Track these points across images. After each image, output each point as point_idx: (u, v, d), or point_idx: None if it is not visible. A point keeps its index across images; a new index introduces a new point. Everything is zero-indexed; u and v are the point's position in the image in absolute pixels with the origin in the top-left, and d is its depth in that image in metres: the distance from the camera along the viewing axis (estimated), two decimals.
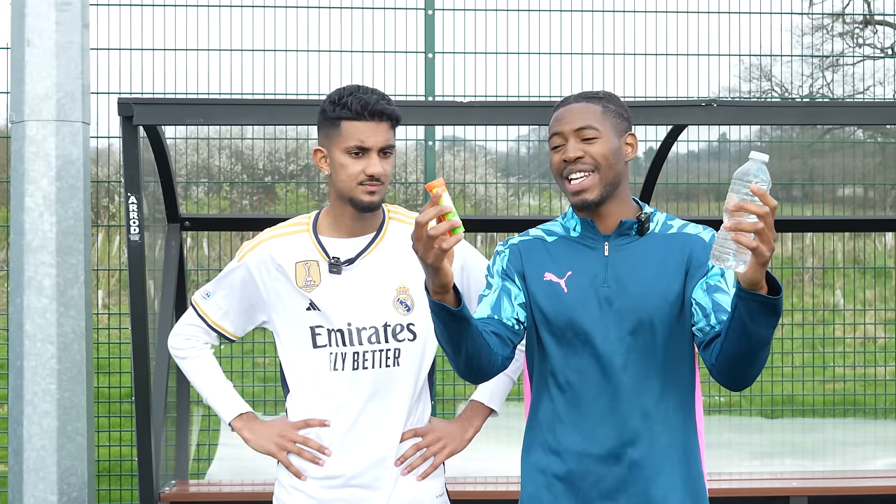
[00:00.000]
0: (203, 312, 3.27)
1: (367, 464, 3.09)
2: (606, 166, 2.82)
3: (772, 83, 8.83)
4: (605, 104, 2.89)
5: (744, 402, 7.19)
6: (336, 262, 3.09)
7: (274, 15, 6.41)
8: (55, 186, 4.16)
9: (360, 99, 3.00)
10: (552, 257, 2.89)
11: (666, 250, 2.84)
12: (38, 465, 4.15)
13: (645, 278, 2.81)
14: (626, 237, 2.86)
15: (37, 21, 4.18)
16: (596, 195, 2.82)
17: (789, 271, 8.13)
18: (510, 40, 6.59)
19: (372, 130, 3.02)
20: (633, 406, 2.79)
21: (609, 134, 2.85)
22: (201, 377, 3.28)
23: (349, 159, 3.03)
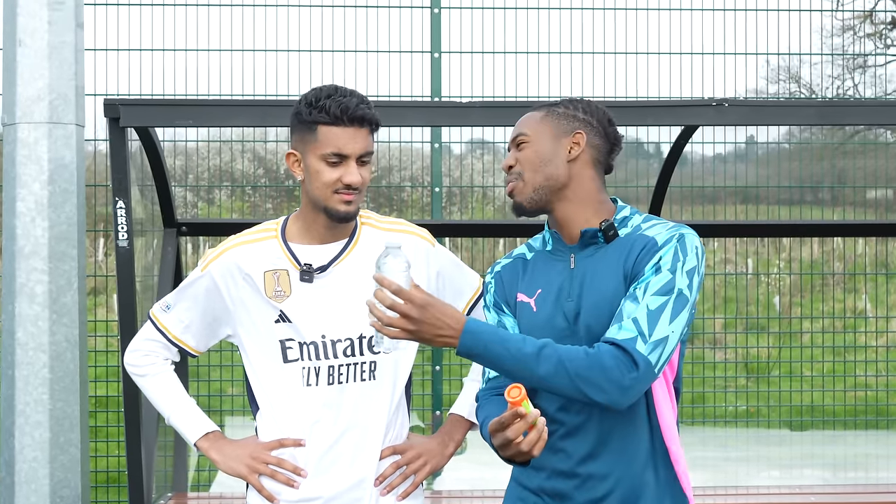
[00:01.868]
0: (162, 326, 3.09)
1: (346, 485, 2.94)
2: (532, 171, 2.79)
3: (799, 85, 8.70)
4: (552, 109, 2.86)
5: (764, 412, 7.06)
6: (308, 270, 2.92)
7: (276, 14, 6.32)
8: (48, 191, 4.05)
9: (340, 103, 2.81)
10: (526, 276, 2.87)
11: (617, 256, 2.74)
12: (30, 476, 4.05)
13: (602, 288, 2.72)
14: (594, 246, 2.78)
15: (29, 20, 4.08)
16: (524, 198, 2.80)
17: (816, 276, 8.00)
18: (518, 39, 6.48)
19: (351, 137, 2.84)
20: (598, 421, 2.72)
21: (541, 137, 2.82)
22: (161, 396, 3.10)
23: (325, 166, 2.85)
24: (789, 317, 8.14)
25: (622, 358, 2.56)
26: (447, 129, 6.53)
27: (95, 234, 7.27)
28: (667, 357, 2.62)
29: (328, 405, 2.91)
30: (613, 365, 2.55)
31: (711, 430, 6.92)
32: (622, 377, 2.55)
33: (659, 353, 2.59)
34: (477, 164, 7.50)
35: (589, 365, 2.56)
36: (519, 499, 2.84)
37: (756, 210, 7.59)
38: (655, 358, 2.58)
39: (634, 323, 2.58)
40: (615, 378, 2.55)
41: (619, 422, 2.72)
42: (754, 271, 8.34)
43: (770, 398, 7.11)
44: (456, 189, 7.40)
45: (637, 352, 2.56)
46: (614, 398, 2.57)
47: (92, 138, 6.25)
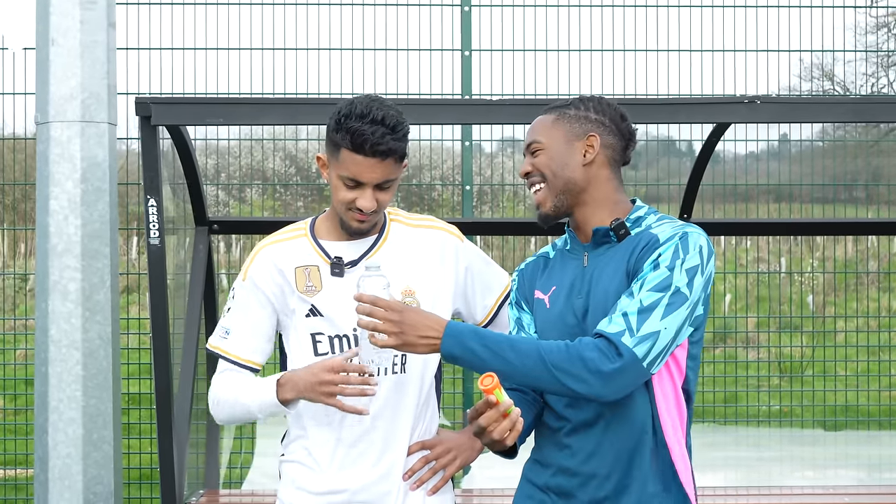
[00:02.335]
0: (228, 354, 3.04)
1: (373, 477, 2.95)
2: (552, 175, 2.80)
3: (833, 82, 8.62)
4: (563, 111, 2.86)
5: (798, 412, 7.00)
6: (338, 263, 2.95)
7: (306, 12, 6.33)
8: (80, 189, 4.07)
9: (363, 134, 2.79)
10: (545, 274, 2.90)
11: (623, 254, 2.74)
12: (63, 473, 4.07)
13: (607, 285, 2.73)
14: (605, 245, 2.79)
15: (61, 20, 4.10)
16: (549, 207, 2.82)
17: (850, 274, 7.94)
18: (549, 37, 6.45)
19: (370, 167, 2.84)
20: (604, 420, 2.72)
21: (555, 142, 2.82)
22: (231, 394, 2.99)
23: (343, 187, 2.88)
24: (823, 316, 8.07)
25: (604, 348, 2.57)
26: (478, 127, 6.51)
27: (128, 232, 7.31)
28: (660, 353, 2.60)
29: (357, 397, 2.91)
30: (594, 355, 2.56)
31: (745, 429, 6.87)
32: (602, 366, 2.55)
33: (647, 347, 2.58)
34: (508, 162, 7.47)
35: (568, 357, 2.57)
36: (528, 496, 2.86)
37: (790, 208, 7.53)
38: (643, 351, 2.57)
39: (624, 317, 2.59)
40: (595, 368, 2.56)
41: (622, 422, 2.71)
42: (788, 270, 8.28)
43: (804, 398, 7.04)
44: (487, 187, 7.38)
45: (622, 343, 2.56)
46: (596, 389, 2.57)
47: (124, 137, 6.29)
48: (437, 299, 3.00)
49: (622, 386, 2.59)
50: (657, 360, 2.61)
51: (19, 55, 6.21)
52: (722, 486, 5.37)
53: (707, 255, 2.69)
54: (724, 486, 5.41)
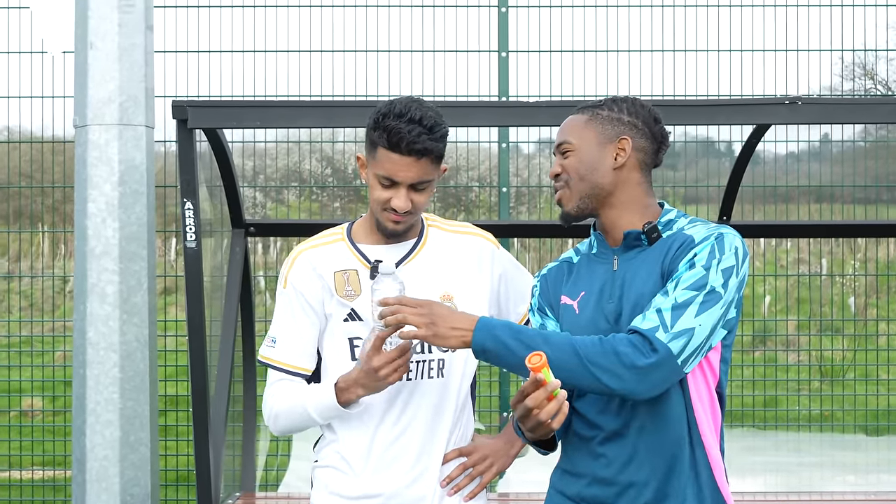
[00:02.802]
0: (278, 362, 3.05)
1: (407, 481, 2.94)
2: (578, 178, 2.77)
3: (875, 81, 8.51)
4: (595, 112, 2.82)
5: (839, 416, 6.93)
6: (378, 266, 2.94)
7: (343, 15, 6.33)
8: (118, 192, 4.06)
9: (400, 132, 2.81)
10: (571, 279, 2.86)
11: (656, 257, 2.70)
12: (100, 475, 4.07)
13: (642, 288, 2.68)
14: (636, 248, 2.75)
15: (99, 23, 4.10)
16: (572, 207, 2.79)
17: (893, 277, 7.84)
18: (586, 38, 6.40)
19: (406, 166, 2.85)
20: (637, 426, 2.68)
21: (586, 145, 2.78)
22: (288, 404, 2.99)
23: (378, 186, 2.90)
24: (865, 318, 7.97)
25: (639, 343, 2.53)
26: (515, 128, 6.48)
27: (167, 234, 7.34)
28: (694, 350, 2.56)
29: (394, 402, 2.91)
30: (629, 350, 2.52)
31: (784, 433, 6.80)
32: (636, 360, 2.51)
33: (682, 343, 2.53)
34: (546, 163, 7.43)
35: (603, 351, 2.53)
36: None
37: (831, 209, 7.44)
38: (678, 347, 2.53)
39: (658, 314, 2.56)
40: (629, 362, 2.52)
41: (658, 427, 2.67)
42: (828, 272, 8.18)
43: (845, 401, 6.96)
44: (525, 189, 7.35)
45: (656, 338, 2.53)
46: (630, 385, 2.53)
47: (162, 139, 6.31)
48: (474, 304, 2.99)
49: (656, 382, 2.55)
50: (691, 358, 2.57)
51: (59, 59, 6.26)
52: (762, 490, 5.32)
53: (742, 257, 2.65)
54: (763, 490, 5.36)
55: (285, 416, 3.00)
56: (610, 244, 2.80)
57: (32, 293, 7.69)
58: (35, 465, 6.55)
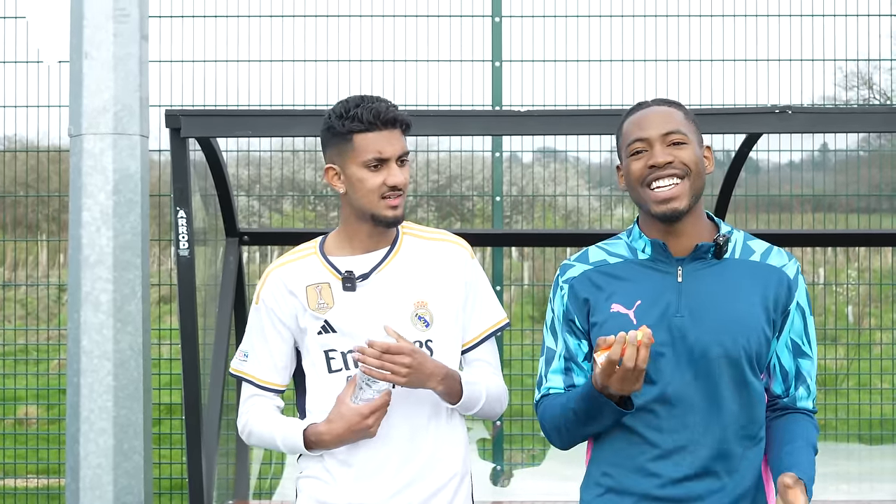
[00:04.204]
0: (249, 375, 3.07)
1: (392, 491, 2.93)
2: (696, 174, 2.66)
3: (872, 91, 8.52)
4: (685, 111, 2.73)
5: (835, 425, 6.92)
6: (350, 277, 2.95)
7: (337, 24, 6.35)
8: (112, 200, 4.09)
9: (371, 108, 2.89)
10: (619, 284, 2.71)
11: (748, 281, 2.65)
12: (94, 483, 4.08)
13: (724, 310, 2.62)
14: (702, 261, 2.67)
15: (94, 33, 4.13)
16: (685, 204, 2.64)
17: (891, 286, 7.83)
18: (580, 48, 6.42)
19: (387, 139, 2.91)
20: (701, 448, 2.64)
21: (694, 141, 2.68)
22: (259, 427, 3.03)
23: (367, 173, 2.91)
24: (860, 328, 7.97)
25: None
26: (513, 137, 6.50)
27: (160, 243, 7.35)
28: None
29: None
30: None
31: None
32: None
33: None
34: (541, 172, 7.45)
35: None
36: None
37: (828, 218, 7.45)
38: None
39: (813, 381, 2.69)
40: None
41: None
42: (826, 281, 8.18)
43: (841, 411, 6.96)
44: (521, 198, 7.37)
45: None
46: None
47: (157, 149, 6.33)
48: (447, 311, 2.99)
49: None
50: None
51: (54, 68, 6.28)
52: None
53: None
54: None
55: (257, 437, 3.07)
56: (674, 253, 2.69)
57: (29, 302, 7.70)
58: (30, 473, 6.56)
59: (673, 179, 2.63)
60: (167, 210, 6.91)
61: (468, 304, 3.06)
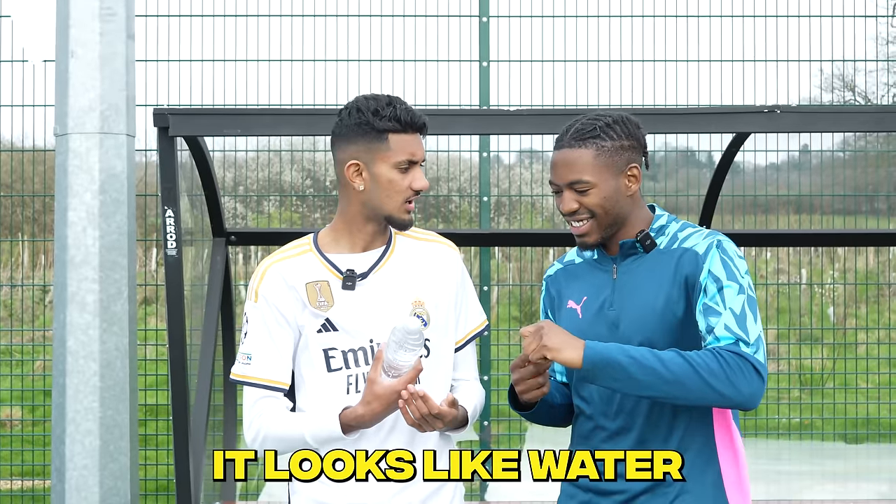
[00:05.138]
0: (257, 379, 2.95)
1: (393, 490, 2.91)
2: (603, 213, 2.83)
3: (854, 93, 8.57)
4: (599, 144, 2.82)
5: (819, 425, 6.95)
6: (351, 276, 2.93)
7: (325, 24, 6.34)
8: (98, 200, 4.06)
9: (408, 110, 2.89)
10: (575, 282, 2.96)
11: (666, 267, 2.81)
12: (80, 484, 4.05)
13: (645, 298, 2.80)
14: (633, 256, 2.87)
15: (81, 32, 4.09)
16: (595, 238, 2.86)
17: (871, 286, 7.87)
18: (567, 48, 6.43)
19: (418, 143, 2.92)
20: (643, 429, 2.80)
21: (603, 180, 2.82)
22: (277, 429, 2.91)
23: (398, 174, 2.89)
24: (844, 328, 8.01)
25: (740, 363, 2.65)
26: (497, 138, 6.50)
27: (149, 243, 7.32)
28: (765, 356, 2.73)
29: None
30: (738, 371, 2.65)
31: (765, 442, 6.82)
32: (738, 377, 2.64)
33: (763, 353, 2.70)
34: (525, 173, 7.45)
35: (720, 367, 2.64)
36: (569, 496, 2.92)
37: (811, 219, 7.48)
38: (763, 358, 2.70)
39: (727, 330, 2.68)
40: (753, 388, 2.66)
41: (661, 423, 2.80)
42: (808, 281, 8.22)
43: (825, 410, 6.99)
44: (505, 199, 7.37)
45: (748, 355, 2.65)
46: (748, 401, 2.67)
47: (143, 149, 6.30)
48: (443, 311, 2.98)
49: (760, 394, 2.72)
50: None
51: (39, 68, 6.25)
52: None
53: (741, 255, 2.82)
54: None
55: (275, 440, 2.92)
56: (608, 253, 2.90)
57: (12, 303, 7.65)
58: (14, 475, 6.51)
59: (582, 221, 2.85)
60: (150, 211, 6.88)
61: (458, 304, 3.06)
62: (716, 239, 2.78)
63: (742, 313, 2.69)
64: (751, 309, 2.71)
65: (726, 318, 2.68)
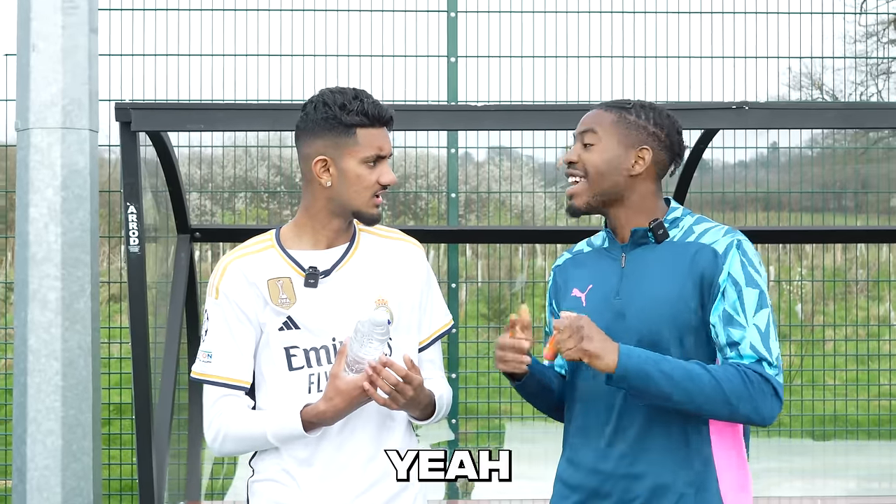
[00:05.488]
0: (218, 377, 2.90)
1: (357, 491, 2.87)
2: (597, 175, 2.80)
3: (822, 91, 8.62)
4: (625, 114, 2.83)
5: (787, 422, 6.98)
6: (314, 273, 2.88)
7: (291, 19, 6.31)
8: (60, 196, 4.01)
9: (375, 104, 2.85)
10: (581, 271, 2.92)
11: (680, 260, 2.77)
12: (41, 484, 4.01)
13: (654, 289, 2.76)
14: (644, 246, 2.83)
15: (42, 25, 4.05)
16: (582, 202, 2.83)
17: (839, 283, 7.92)
18: (535, 43, 6.42)
19: (386, 137, 2.88)
20: (638, 425, 2.76)
21: (610, 143, 2.81)
22: (238, 427, 2.86)
23: (365, 169, 2.85)
24: (812, 324, 8.05)
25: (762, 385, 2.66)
26: (465, 135, 6.49)
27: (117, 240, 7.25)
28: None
29: None
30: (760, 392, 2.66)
31: None
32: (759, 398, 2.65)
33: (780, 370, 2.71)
34: (495, 170, 7.44)
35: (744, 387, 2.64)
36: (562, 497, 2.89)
37: (779, 217, 7.52)
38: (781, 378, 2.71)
39: (753, 349, 2.66)
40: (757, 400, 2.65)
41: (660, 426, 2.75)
42: (776, 278, 8.25)
43: (792, 407, 7.02)
44: (474, 196, 7.36)
45: (770, 377, 2.67)
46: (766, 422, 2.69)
47: (111, 144, 6.24)
48: (406, 310, 2.95)
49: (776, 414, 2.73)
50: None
51: (0, 61, 6.17)
52: None
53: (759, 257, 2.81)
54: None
55: (235, 439, 2.89)
56: (619, 241, 2.86)
57: None
58: None
59: (575, 178, 2.83)
60: (118, 208, 6.81)
61: (423, 304, 3.03)
62: (736, 238, 2.76)
63: (766, 331, 2.68)
64: (773, 325, 2.71)
65: (752, 336, 2.67)
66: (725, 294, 2.70)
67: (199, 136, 6.38)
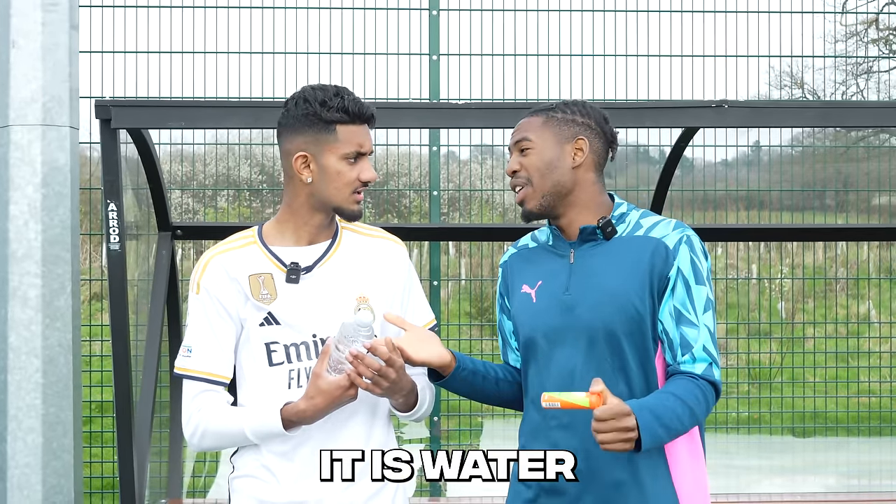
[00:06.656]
0: (198, 372, 2.90)
1: (335, 491, 2.87)
2: (540, 177, 2.86)
3: (803, 90, 8.66)
4: (550, 114, 2.91)
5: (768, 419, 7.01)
6: (295, 269, 2.89)
7: (273, 16, 6.30)
8: (41, 193, 4.00)
9: (355, 101, 2.85)
10: (529, 267, 2.95)
11: (629, 255, 2.82)
12: (22, 482, 4.00)
13: (604, 284, 2.81)
14: (592, 242, 2.87)
15: (22, 22, 4.04)
16: (534, 205, 2.88)
17: (820, 281, 7.95)
18: (517, 42, 6.44)
19: (366, 134, 2.89)
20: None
21: (545, 144, 2.87)
22: (217, 424, 2.86)
23: (346, 166, 2.85)
24: (793, 322, 8.09)
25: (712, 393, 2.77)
26: (447, 133, 6.50)
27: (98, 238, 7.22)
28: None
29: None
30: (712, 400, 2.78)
31: (713, 436, 6.87)
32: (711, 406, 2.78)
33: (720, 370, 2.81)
34: (478, 169, 7.45)
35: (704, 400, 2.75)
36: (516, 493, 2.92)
37: (760, 216, 7.55)
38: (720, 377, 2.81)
39: (706, 352, 2.74)
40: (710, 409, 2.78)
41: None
42: (758, 276, 8.29)
43: (773, 405, 7.05)
44: (457, 193, 7.36)
45: (718, 381, 2.77)
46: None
47: (93, 141, 6.22)
48: (387, 307, 2.95)
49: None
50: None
51: None
52: None
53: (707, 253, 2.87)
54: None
55: (214, 436, 2.89)
56: (566, 238, 2.90)
57: None
58: None
59: (520, 185, 2.90)
60: (100, 206, 6.79)
61: (405, 302, 3.03)
62: (685, 234, 2.81)
63: (714, 331, 2.76)
64: (715, 321, 2.79)
65: (703, 338, 2.74)
66: (675, 290, 2.77)
67: (181, 133, 6.37)
